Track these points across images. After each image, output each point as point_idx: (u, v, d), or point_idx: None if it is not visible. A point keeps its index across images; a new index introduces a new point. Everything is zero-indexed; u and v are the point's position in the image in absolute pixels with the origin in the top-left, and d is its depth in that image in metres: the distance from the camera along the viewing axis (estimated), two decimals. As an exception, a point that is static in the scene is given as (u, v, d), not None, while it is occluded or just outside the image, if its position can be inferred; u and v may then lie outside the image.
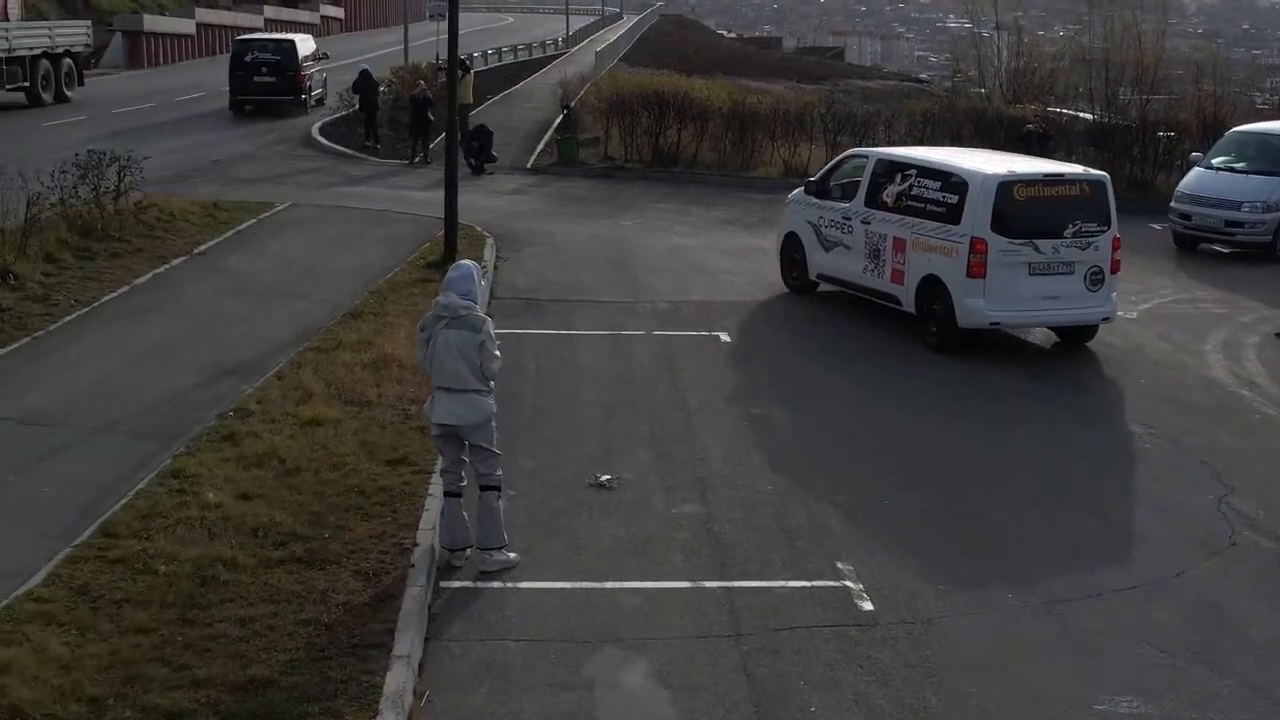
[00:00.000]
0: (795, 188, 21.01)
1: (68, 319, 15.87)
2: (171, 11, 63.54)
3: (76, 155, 20.06)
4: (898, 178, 17.61)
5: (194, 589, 9.09)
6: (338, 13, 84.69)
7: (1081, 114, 35.49)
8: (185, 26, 61.53)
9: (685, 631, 9.25)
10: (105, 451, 11.78)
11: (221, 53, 65.07)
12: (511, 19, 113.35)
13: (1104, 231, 16.59)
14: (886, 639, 9.25)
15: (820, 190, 19.31)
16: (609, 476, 11.92)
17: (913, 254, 17.06)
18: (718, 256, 22.37)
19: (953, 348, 16.57)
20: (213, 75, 52.90)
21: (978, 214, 16.23)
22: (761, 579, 10.10)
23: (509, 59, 58.30)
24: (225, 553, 9.59)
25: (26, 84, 39.68)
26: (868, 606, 9.72)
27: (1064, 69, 40.23)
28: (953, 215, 16.54)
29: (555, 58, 62.15)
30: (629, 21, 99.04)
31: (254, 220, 22.60)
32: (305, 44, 42.91)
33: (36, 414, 12.65)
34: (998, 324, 16.73)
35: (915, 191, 17.21)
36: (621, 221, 25.42)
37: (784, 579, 10.10)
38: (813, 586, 9.99)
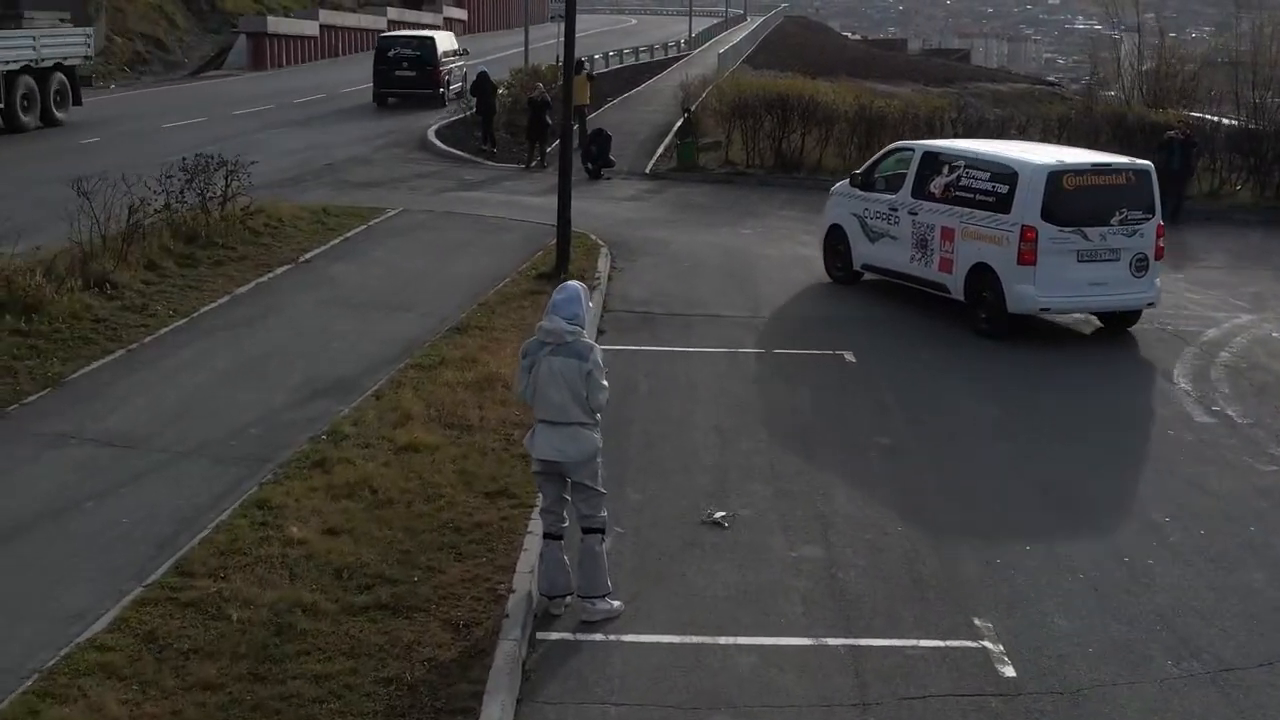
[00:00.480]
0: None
1: (164, 330, 15.31)
2: (295, 13, 63.77)
3: (184, 159, 19.58)
4: (945, 169, 18.02)
5: (268, 639, 8.34)
6: (461, 14, 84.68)
7: (1225, 120, 33.88)
8: (308, 28, 61.67)
9: (805, 698, 8.30)
10: (189, 477, 11.12)
11: (344, 54, 65.45)
12: (635, 20, 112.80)
13: (1149, 219, 17.01)
14: (1031, 712, 8.24)
15: (865, 183, 19.71)
16: (723, 513, 11.00)
17: (961, 243, 17.48)
18: (842, 268, 21.32)
19: (1002, 334, 16.92)
20: (335, 76, 53.09)
21: (1028, 203, 16.61)
22: (889, 636, 9.12)
23: (630, 61, 57.63)
24: (306, 596, 8.84)
25: (1, 105, 33.13)
26: (1009, 672, 8.71)
27: (1206, 72, 38.48)
28: (1003, 205, 16.89)
29: (677, 60, 61.34)
30: (753, 23, 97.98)
31: (363, 227, 22.00)
32: (445, 40, 44.60)
33: (121, 435, 12.03)
34: (1048, 309, 17.12)
35: (964, 182, 17.59)
36: (741, 230, 24.46)
37: (914, 637, 9.11)
38: (947, 647, 8.99)
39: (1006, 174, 16.99)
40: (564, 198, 19.19)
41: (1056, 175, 16.63)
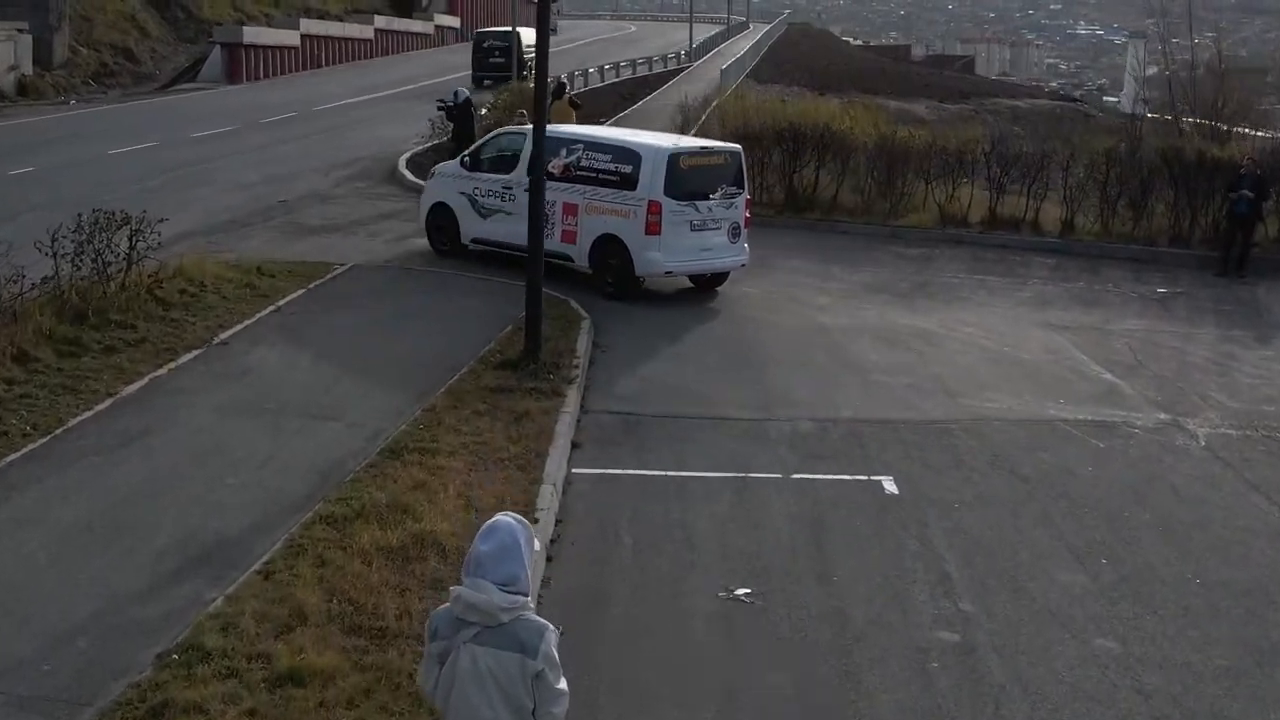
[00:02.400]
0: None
1: (10, 458, 11.87)
2: (277, 21, 60.40)
3: (80, 216, 16.15)
4: (563, 151, 19.78)
5: None
6: (453, 21, 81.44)
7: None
8: (289, 38, 58.34)
9: None
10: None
11: (328, 64, 62.09)
12: (635, 28, 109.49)
13: (741, 193, 19.98)
14: None
15: (474, 164, 21.48)
16: None
17: (586, 217, 19.57)
18: (869, 345, 17.92)
19: (629, 296, 19.22)
20: (312, 90, 49.76)
21: (653, 181, 18.96)
22: None
23: (627, 74, 54.24)
24: None
25: None
26: None
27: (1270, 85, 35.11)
28: (628, 183, 19.17)
29: (678, 72, 57.99)
30: (756, 32, 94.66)
31: (301, 291, 18.51)
32: (528, 35, 49.75)
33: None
34: (671, 272, 19.68)
35: (585, 163, 19.68)
36: (746, 288, 21.04)
37: None
38: None
39: (631, 156, 19.32)
40: (534, 259, 15.74)
41: (675, 157, 19.21)
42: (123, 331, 15.58)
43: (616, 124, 38.14)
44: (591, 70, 50.85)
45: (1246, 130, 25.97)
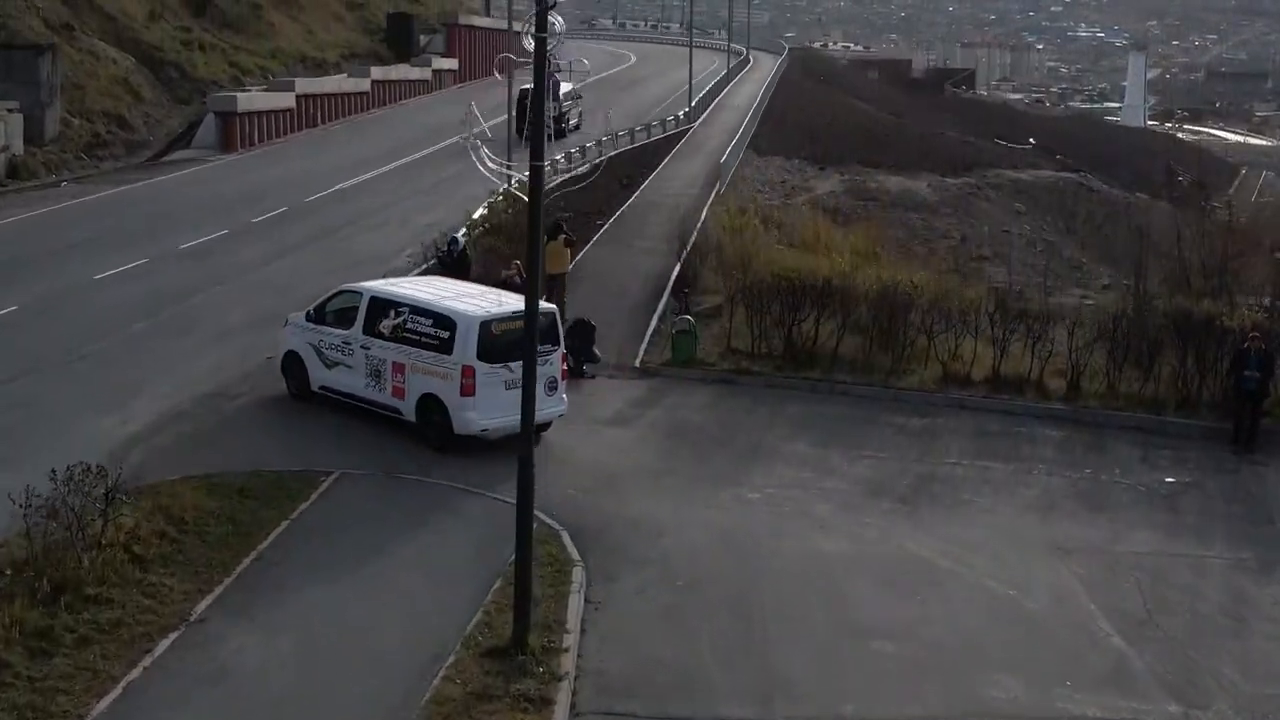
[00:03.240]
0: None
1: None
2: (272, 84, 59.67)
3: (53, 473, 15.60)
4: (391, 313, 21.76)
5: None
6: (450, 64, 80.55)
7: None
8: (283, 100, 57.62)
9: None
10: None
11: (323, 122, 61.44)
12: (634, 57, 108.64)
13: (555, 350, 21.61)
14: None
15: (318, 318, 22.97)
16: None
17: (412, 376, 21.28)
18: (870, 589, 17.39)
19: (451, 448, 20.79)
20: (307, 165, 49.17)
21: (466, 347, 20.76)
22: None
23: (623, 143, 53.33)
24: None
25: None
26: None
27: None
28: (445, 347, 20.96)
29: (679, 138, 57.14)
30: (757, 67, 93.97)
31: (284, 524, 17.89)
32: (565, 88, 51.94)
33: None
34: (486, 430, 20.89)
35: (410, 326, 21.48)
36: (747, 493, 20.50)
37: None
38: None
39: (448, 323, 21.05)
40: (523, 537, 15.19)
41: (486, 324, 20.95)
42: (98, 609, 15.01)
43: (614, 226, 37.60)
44: (590, 145, 50.15)
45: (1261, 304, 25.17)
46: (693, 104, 64.16)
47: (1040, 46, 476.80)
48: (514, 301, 21.26)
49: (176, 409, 22.50)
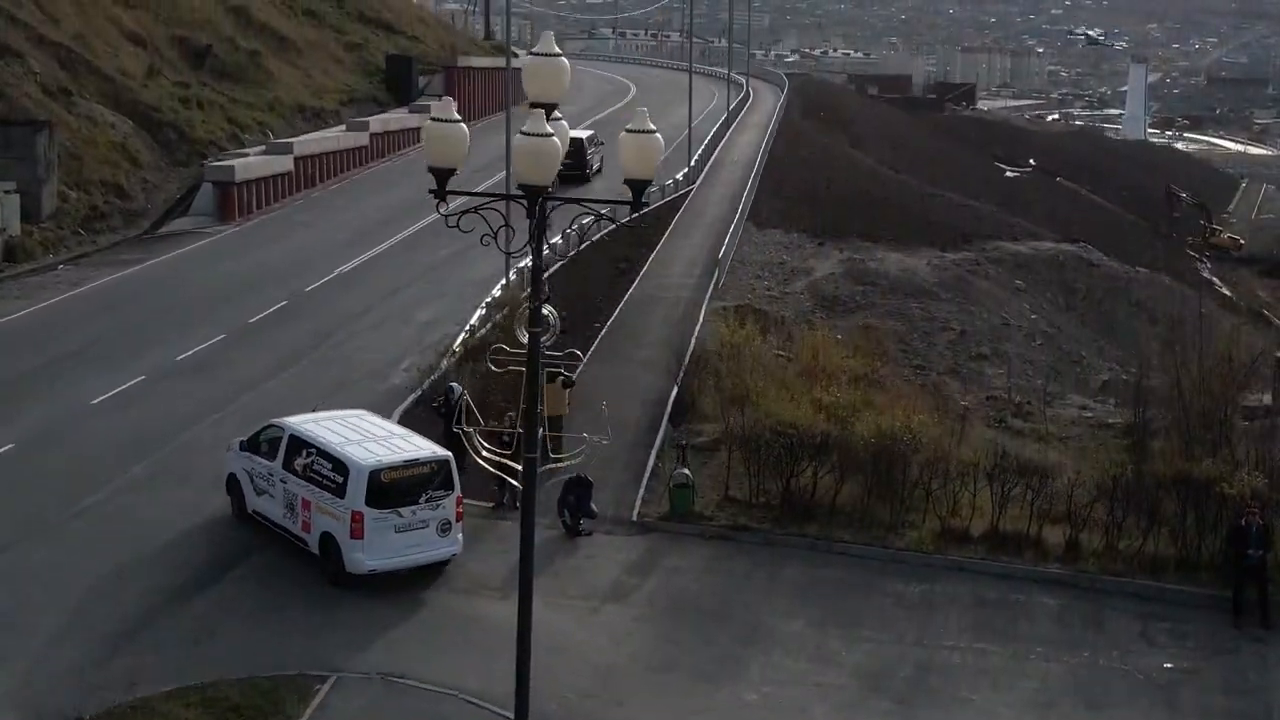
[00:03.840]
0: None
1: None
2: (270, 144, 59.50)
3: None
4: (304, 452, 23.37)
5: None
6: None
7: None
8: (281, 164, 57.55)
9: None
10: None
11: (322, 181, 61.37)
12: (633, 89, 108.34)
13: (449, 494, 22.94)
14: None
15: (252, 447, 24.84)
16: None
17: (316, 513, 22.82)
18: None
19: (347, 586, 22.23)
20: (309, 241, 49.30)
21: (356, 493, 22.14)
22: None
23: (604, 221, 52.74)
24: None
25: None
26: None
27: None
28: (340, 491, 22.42)
29: (679, 204, 56.91)
30: (757, 109, 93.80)
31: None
32: (588, 135, 61.42)
33: None
34: (375, 570, 22.28)
35: (316, 466, 23.04)
36: (744, 691, 20.42)
37: None
38: None
39: (343, 468, 22.47)
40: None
41: (376, 473, 22.32)
42: None
43: (610, 334, 37.42)
44: (587, 219, 49.87)
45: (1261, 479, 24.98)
46: (692, 162, 63.95)
47: (1040, 49, 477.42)
48: (412, 449, 23.41)
49: (173, 585, 22.47)
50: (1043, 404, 35.86)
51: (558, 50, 14.22)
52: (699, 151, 68.27)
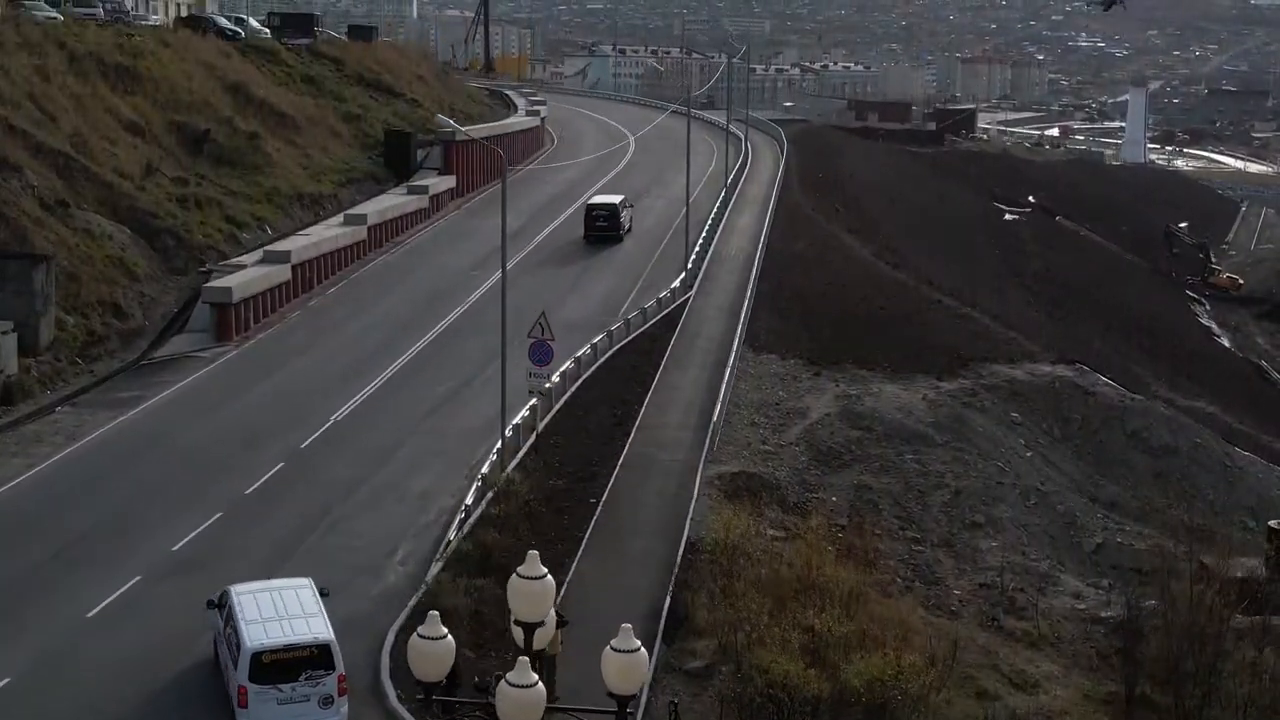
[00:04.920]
0: None
1: None
2: (269, 252, 59.44)
3: None
4: (228, 623, 27.02)
5: None
6: (448, 183, 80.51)
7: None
8: (280, 275, 57.77)
9: None
10: None
11: (320, 282, 61.56)
12: (631, 144, 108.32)
13: (330, 673, 25.99)
14: None
15: (218, 605, 28.21)
16: None
17: (229, 677, 26.47)
18: None
19: None
20: (305, 368, 49.16)
21: (244, 668, 25.59)
22: None
23: (602, 348, 52.09)
24: None
25: None
26: None
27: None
28: (235, 663, 25.96)
29: (675, 320, 56.89)
30: (755, 179, 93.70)
31: None
32: (620, 200, 74.04)
33: None
34: None
35: (231, 637, 26.64)
36: None
37: None
38: None
39: (238, 643, 25.90)
40: None
41: (259, 653, 25.65)
42: None
43: (597, 534, 37.14)
44: (568, 367, 49.21)
45: None
46: (689, 264, 64.08)
47: (1041, 56, 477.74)
48: (296, 635, 26.25)
49: None
50: (1036, 595, 36.06)
51: (543, 570, 14.38)
52: (697, 246, 68.30)
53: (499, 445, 40.11)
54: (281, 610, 27.02)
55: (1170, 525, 47.61)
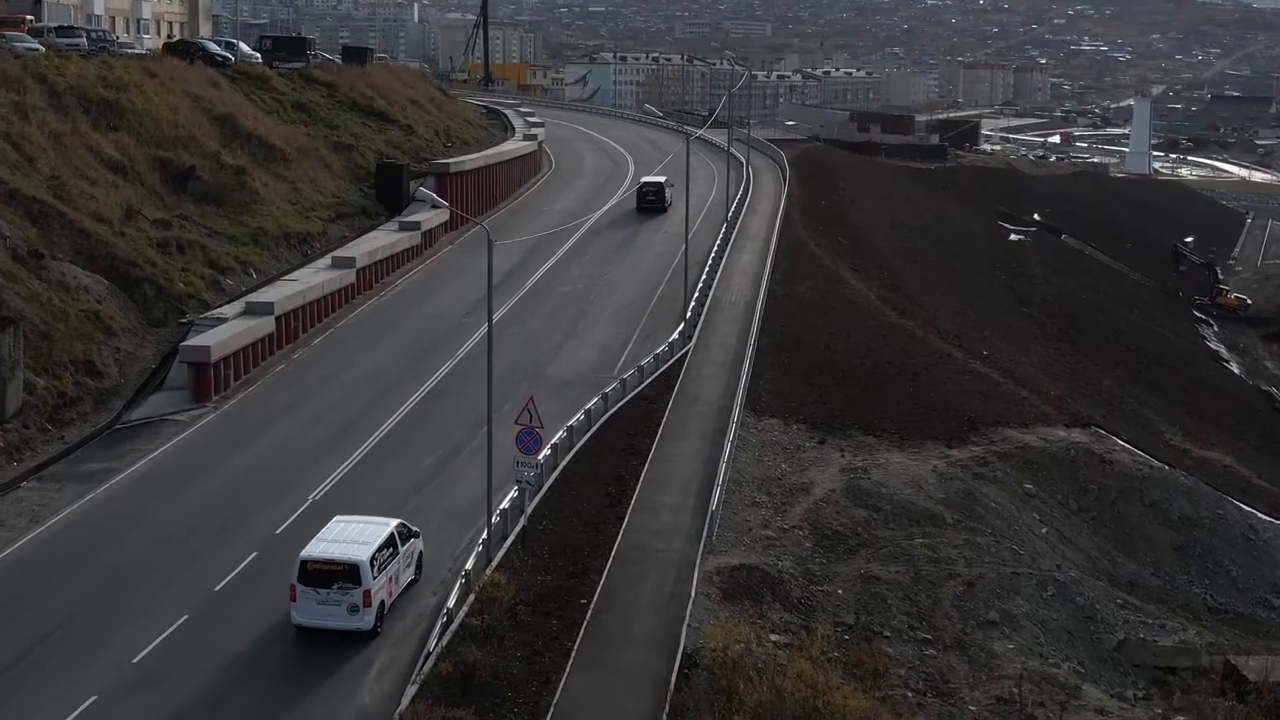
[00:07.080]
0: None
1: None
2: (251, 303, 57.08)
3: None
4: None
5: None
6: (440, 217, 77.90)
7: None
8: (263, 328, 55.49)
9: None
10: None
11: (306, 331, 59.31)
12: (630, 166, 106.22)
13: (357, 588, 32.65)
14: None
15: None
16: None
17: None
18: None
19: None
20: (284, 435, 46.92)
21: (294, 570, 32.97)
22: None
23: (596, 416, 49.74)
24: None
25: None
26: None
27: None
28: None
29: (673, 378, 54.59)
30: (756, 210, 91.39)
31: None
32: (665, 179, 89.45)
33: None
34: (300, 624, 33.03)
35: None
36: None
37: None
38: None
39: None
40: None
41: (305, 561, 32.84)
42: None
43: (589, 638, 34.80)
44: (578, 419, 47.72)
45: None
46: (688, 315, 61.81)
47: (1043, 60, 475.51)
48: (340, 554, 33.01)
49: None
50: (1059, 712, 33.81)
51: None
52: (696, 291, 66.03)
53: (485, 536, 37.87)
54: (346, 537, 33.81)
55: (1194, 610, 45.73)
